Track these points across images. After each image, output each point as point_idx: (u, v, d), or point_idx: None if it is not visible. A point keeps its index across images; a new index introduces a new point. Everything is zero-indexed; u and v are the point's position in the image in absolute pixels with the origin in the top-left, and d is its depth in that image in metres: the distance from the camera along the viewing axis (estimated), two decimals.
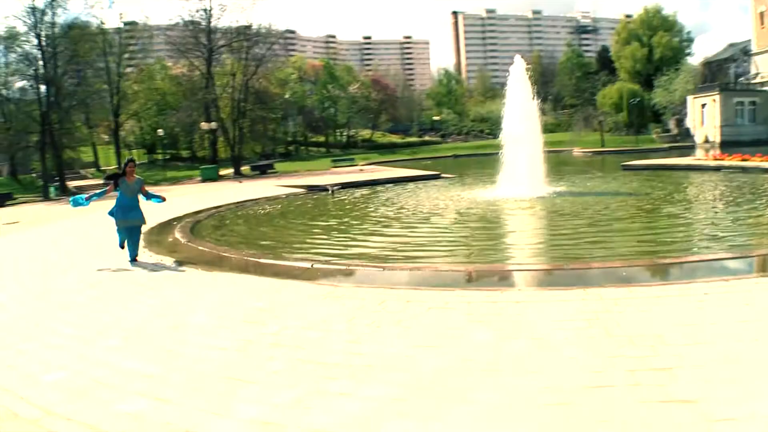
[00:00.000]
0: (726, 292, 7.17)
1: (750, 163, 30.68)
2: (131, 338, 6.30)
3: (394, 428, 4.06)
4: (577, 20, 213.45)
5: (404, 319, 6.58)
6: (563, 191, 22.11)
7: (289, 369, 5.15)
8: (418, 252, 12.27)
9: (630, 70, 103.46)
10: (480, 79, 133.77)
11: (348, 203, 22.95)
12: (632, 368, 4.89)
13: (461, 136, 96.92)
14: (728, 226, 14.14)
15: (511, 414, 4.21)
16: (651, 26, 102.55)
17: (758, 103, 79.59)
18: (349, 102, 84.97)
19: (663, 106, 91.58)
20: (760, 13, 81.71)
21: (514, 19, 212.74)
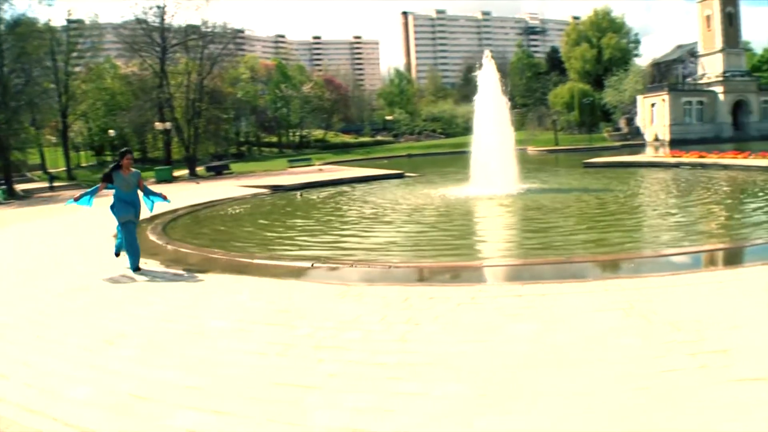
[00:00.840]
0: (737, 279, 7.43)
1: (708, 159, 31.58)
2: (148, 347, 5.86)
3: (487, 424, 3.91)
4: (526, 21, 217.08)
5: (439, 315, 6.43)
6: (536, 188, 22.38)
7: (345, 372, 4.90)
8: (411, 250, 12.08)
9: (580, 71, 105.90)
10: (431, 79, 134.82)
11: (321, 203, 22.69)
12: (691, 352, 4.98)
13: (413, 136, 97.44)
14: (714, 218, 14.41)
15: (598, 401, 4.14)
16: (600, 28, 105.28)
17: (705, 103, 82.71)
18: (302, 102, 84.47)
19: (613, 105, 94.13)
20: (707, 17, 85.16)
21: (463, 19, 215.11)
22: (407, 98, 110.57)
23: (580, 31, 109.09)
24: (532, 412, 4.05)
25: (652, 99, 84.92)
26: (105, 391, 4.74)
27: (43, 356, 5.76)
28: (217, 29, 45.80)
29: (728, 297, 6.63)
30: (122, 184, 10.01)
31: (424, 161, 55.82)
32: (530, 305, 6.69)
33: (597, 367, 4.77)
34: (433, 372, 4.83)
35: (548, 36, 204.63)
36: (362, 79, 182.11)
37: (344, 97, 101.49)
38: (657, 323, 5.82)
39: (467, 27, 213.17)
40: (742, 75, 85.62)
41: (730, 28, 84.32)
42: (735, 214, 14.99)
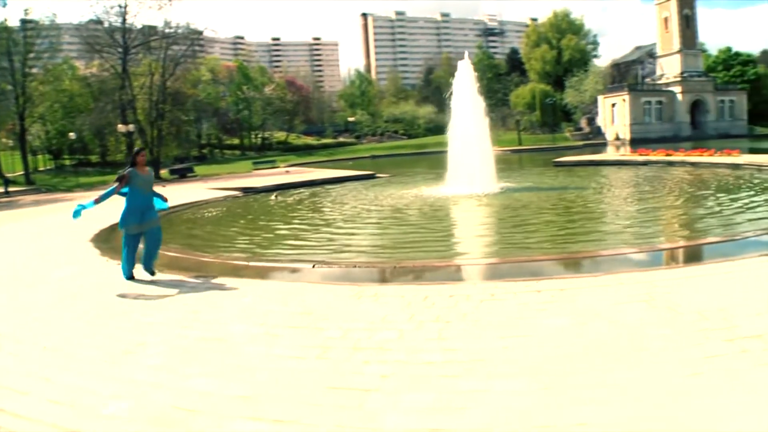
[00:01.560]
0: (742, 269, 7.71)
1: (675, 157, 32.30)
2: (172, 355, 5.57)
3: (567, 415, 3.92)
4: (485, 23, 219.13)
5: (466, 312, 6.40)
6: (515, 187, 22.58)
7: (397, 372, 4.80)
8: (408, 250, 12.00)
9: (540, 72, 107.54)
10: (391, 80, 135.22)
11: (298, 204, 22.41)
12: (728, 338, 5.16)
13: (376, 137, 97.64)
14: (703, 212, 14.79)
15: (660, 387, 4.24)
16: (559, 29, 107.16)
17: (664, 103, 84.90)
18: (264, 103, 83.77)
19: (574, 105, 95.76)
20: (664, 19, 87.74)
21: (423, 21, 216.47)
22: (368, 99, 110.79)
23: (539, 33, 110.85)
24: (605, 401, 4.08)
25: (612, 99, 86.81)
26: (144, 405, 4.48)
27: (60, 370, 5.40)
28: (180, 30, 45.04)
29: (740, 286, 6.90)
30: (142, 183, 9.06)
31: (389, 162, 55.84)
32: (552, 300, 6.75)
33: (644, 356, 4.87)
34: (486, 368, 4.79)
35: (507, 37, 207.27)
36: (322, 80, 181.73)
37: (306, 98, 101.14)
38: (684, 313, 5.97)
39: (426, 28, 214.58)
40: (699, 75, 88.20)
41: (687, 29, 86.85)
42: (720, 208, 15.25)
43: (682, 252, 9.75)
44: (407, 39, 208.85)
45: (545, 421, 3.86)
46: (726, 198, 17.03)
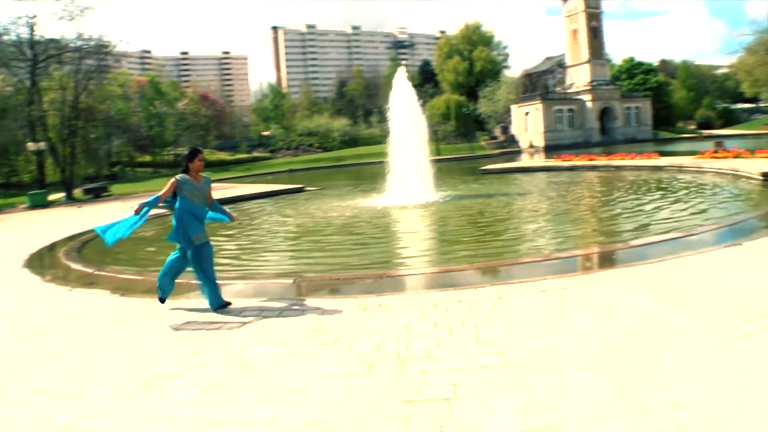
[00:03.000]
0: (719, 259, 8.37)
1: (599, 162, 33.56)
2: (200, 386, 5.14)
3: (653, 400, 4.05)
4: (395, 36, 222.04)
5: (488, 315, 6.47)
6: (455, 195, 22.85)
7: (464, 378, 4.75)
8: (377, 261, 11.87)
9: (453, 83, 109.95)
10: (304, 93, 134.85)
11: (237, 221, 21.71)
12: (747, 318, 5.63)
13: (291, 151, 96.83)
14: (646, 210, 15.95)
15: (721, 365, 4.57)
16: (471, 41, 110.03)
17: (575, 111, 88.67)
18: (177, 119, 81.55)
19: (488, 115, 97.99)
20: (573, 31, 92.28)
21: (333, 34, 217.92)
22: (282, 113, 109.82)
23: (452, 45, 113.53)
24: (679, 383, 4.31)
25: (526, 108, 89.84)
26: None
27: (74, 414, 4.80)
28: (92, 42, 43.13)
29: (726, 273, 7.51)
30: (194, 194, 7.72)
31: (308, 176, 55.37)
32: (563, 298, 6.96)
33: (685, 341, 5.18)
34: (549, 365, 4.88)
35: (416, 50, 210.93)
36: (231, 94, 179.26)
37: (220, 113, 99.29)
38: (692, 301, 6.37)
39: (337, 41, 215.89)
40: (607, 84, 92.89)
41: (594, 41, 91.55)
42: (670, 205, 16.07)
43: (657, 247, 10.22)
44: (318, 52, 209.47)
45: (640, 406, 4.00)
46: (672, 196, 18.32)
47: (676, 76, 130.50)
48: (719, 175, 22.71)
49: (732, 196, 17.91)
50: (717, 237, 10.58)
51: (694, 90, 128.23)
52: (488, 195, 23.10)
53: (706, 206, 15.64)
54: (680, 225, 12.92)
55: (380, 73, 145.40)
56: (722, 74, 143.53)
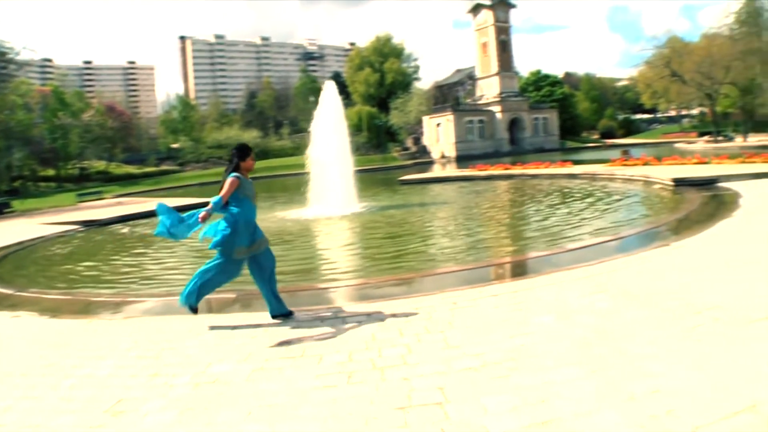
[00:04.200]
0: (651, 260, 9.03)
1: (515, 171, 34.54)
2: (179, 406, 4.94)
3: (637, 387, 4.32)
4: (305, 47, 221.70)
5: (450, 321, 6.63)
6: (380, 205, 23.04)
7: (449, 382, 4.85)
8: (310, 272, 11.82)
9: (364, 94, 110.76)
10: (213, 104, 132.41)
11: (144, 236, 20.73)
12: (696, 311, 6.13)
13: (200, 164, 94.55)
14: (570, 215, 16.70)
15: (688, 354, 4.96)
16: (382, 53, 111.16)
17: (485, 121, 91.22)
18: (82, 131, 78.43)
19: (399, 126, 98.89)
20: (483, 44, 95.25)
21: (242, 45, 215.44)
22: (191, 125, 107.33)
23: (363, 57, 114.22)
24: (655, 373, 4.62)
25: (437, 119, 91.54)
26: None
27: None
28: None
29: (663, 271, 8.12)
30: (252, 194, 7.27)
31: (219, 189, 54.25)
32: (518, 301, 7.24)
33: (647, 334, 5.57)
34: (528, 364, 5.07)
35: (326, 61, 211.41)
36: (138, 105, 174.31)
37: (127, 125, 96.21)
38: (641, 298, 6.83)
39: (246, 52, 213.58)
40: (516, 95, 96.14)
41: (504, 54, 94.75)
42: (594, 210, 16.81)
43: (592, 250, 10.71)
44: (227, 63, 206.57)
45: (626, 396, 4.27)
46: (594, 202, 19.29)
47: (579, 88, 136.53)
48: (632, 181, 23.91)
49: (649, 201, 19.10)
50: (645, 239, 11.33)
51: (596, 101, 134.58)
52: (413, 205, 23.40)
53: (627, 211, 16.61)
54: (608, 229, 13.60)
55: (290, 84, 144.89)
56: (622, 86, 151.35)
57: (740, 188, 17.26)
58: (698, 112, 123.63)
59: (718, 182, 19.61)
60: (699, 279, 7.50)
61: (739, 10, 69.12)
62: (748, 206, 13.95)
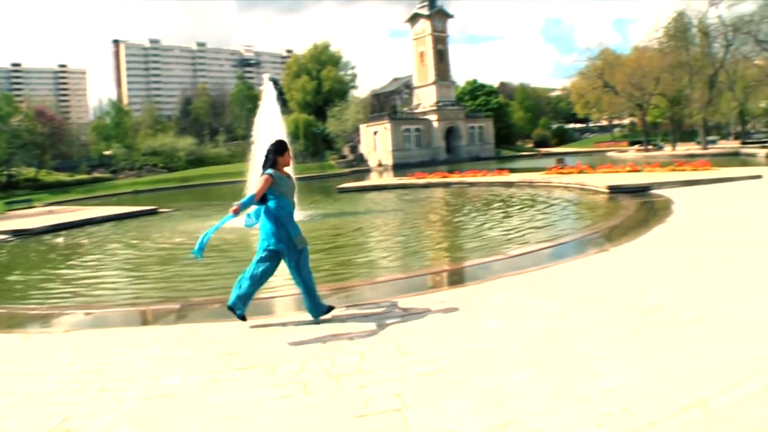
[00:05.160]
0: (592, 264, 9.39)
1: (453, 179, 34.88)
2: (128, 423, 4.73)
3: (588, 386, 4.44)
4: (241, 54, 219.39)
5: (402, 328, 6.65)
6: (322, 213, 22.94)
7: (406, 388, 4.88)
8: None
9: (301, 102, 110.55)
10: (147, 110, 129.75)
11: (97, 245, 20.33)
12: (640, 312, 6.24)
13: (134, 171, 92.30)
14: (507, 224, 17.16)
15: (637, 352, 5.04)
16: (319, 61, 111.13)
17: (422, 130, 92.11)
18: (11, 136, 75.51)
19: (336, 134, 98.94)
20: (421, 53, 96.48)
21: (178, 50, 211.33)
22: (124, 132, 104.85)
23: (300, 64, 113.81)
24: (606, 372, 4.79)
25: (374, 127, 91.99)
26: None
27: None
28: None
29: (604, 276, 8.41)
30: (290, 191, 7.11)
31: (156, 197, 52.87)
32: (467, 306, 7.32)
33: (596, 335, 5.78)
34: (483, 368, 5.15)
35: (263, 68, 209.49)
36: (69, 110, 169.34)
37: (57, 131, 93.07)
38: (587, 301, 7.07)
39: (182, 57, 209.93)
40: (452, 104, 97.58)
41: (441, 63, 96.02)
42: (533, 217, 17.31)
43: (535, 255, 11.06)
44: (162, 68, 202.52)
45: (580, 395, 4.40)
46: (532, 209, 19.89)
47: (514, 98, 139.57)
48: (568, 189, 24.56)
49: (587, 208, 19.76)
50: (585, 245, 11.78)
51: (531, 111, 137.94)
52: (353, 213, 23.43)
53: (566, 218, 17.03)
54: (549, 235, 13.92)
55: (226, 91, 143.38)
56: (556, 96, 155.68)
57: (672, 195, 17.96)
58: (629, 121, 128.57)
59: (651, 189, 20.34)
60: (639, 282, 7.82)
61: (668, 24, 72.11)
62: (680, 212, 14.55)
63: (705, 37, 69.07)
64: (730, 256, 9.05)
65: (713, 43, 68.96)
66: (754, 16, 60.63)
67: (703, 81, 67.93)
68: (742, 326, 5.68)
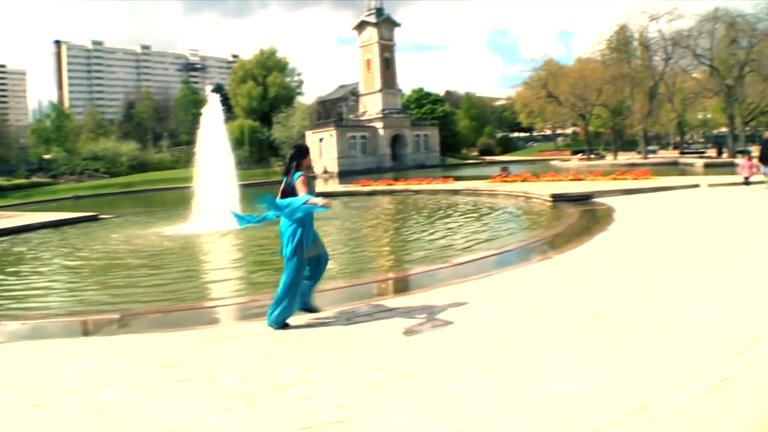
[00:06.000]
0: (535, 272, 9.59)
1: (398, 186, 35.05)
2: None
3: (533, 394, 4.45)
4: (186, 58, 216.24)
5: (347, 337, 6.58)
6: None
7: (350, 400, 4.84)
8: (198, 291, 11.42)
9: (246, 108, 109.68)
10: (89, 114, 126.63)
11: (32, 253, 19.60)
12: (584, 319, 6.34)
13: (74, 176, 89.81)
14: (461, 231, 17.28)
15: (583, 360, 5.11)
16: (266, 66, 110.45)
17: (368, 137, 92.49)
18: None
19: (282, 141, 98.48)
20: (367, 61, 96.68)
21: (122, 52, 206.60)
22: (65, 135, 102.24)
23: (246, 69, 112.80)
24: (552, 380, 4.82)
25: (320, 134, 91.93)
26: None
27: None
28: None
29: (548, 283, 8.57)
30: (314, 193, 7.11)
31: (97, 203, 51.55)
32: (412, 314, 7.30)
33: (541, 343, 5.82)
34: (429, 377, 5.11)
35: (209, 73, 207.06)
36: (6, 112, 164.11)
37: None
38: (532, 309, 7.15)
39: (126, 60, 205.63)
40: (398, 112, 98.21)
41: (387, 71, 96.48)
42: (478, 225, 17.41)
43: (480, 263, 11.16)
44: (105, 71, 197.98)
45: (527, 403, 4.40)
46: (477, 217, 20.10)
47: (460, 107, 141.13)
48: (512, 197, 24.84)
49: (530, 216, 20.08)
50: (529, 252, 11.98)
51: (476, 119, 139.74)
52: None
53: (510, 225, 17.29)
54: (492, 243, 14.04)
55: (171, 95, 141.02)
56: (501, 105, 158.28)
57: (613, 203, 18.38)
58: (572, 131, 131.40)
59: (593, 198, 20.79)
60: (583, 290, 7.96)
61: (610, 37, 74.14)
62: (622, 220, 14.90)
63: (646, 50, 71.26)
64: (669, 264, 9.29)
65: (653, 56, 71.23)
66: (693, 31, 62.84)
67: (644, 92, 70.05)
68: (680, 333, 5.81)
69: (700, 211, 16.10)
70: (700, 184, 23.61)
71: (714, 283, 7.87)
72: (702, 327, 5.94)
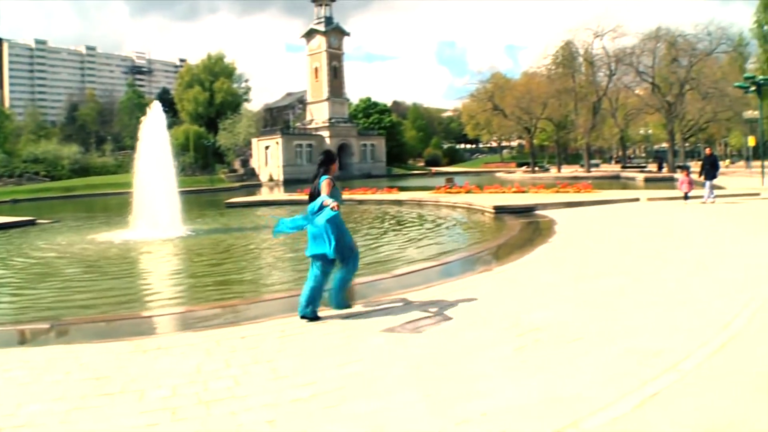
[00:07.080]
0: (476, 284, 9.64)
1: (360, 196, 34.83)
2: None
3: (463, 410, 4.40)
4: (133, 60, 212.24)
5: (280, 349, 6.45)
6: (205, 229, 22.38)
7: (280, 415, 4.70)
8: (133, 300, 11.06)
9: (192, 113, 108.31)
10: (30, 115, 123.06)
11: None
12: (520, 332, 6.41)
13: (13, 179, 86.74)
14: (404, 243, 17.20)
15: (515, 373, 5.10)
16: (213, 72, 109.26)
17: (314, 146, 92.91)
18: None
19: (227, 147, 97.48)
20: (315, 69, 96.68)
21: (66, 53, 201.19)
22: (4, 136, 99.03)
23: (193, 74, 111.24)
24: (486, 394, 4.80)
25: (266, 142, 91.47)
26: None
27: None
28: None
29: (488, 295, 8.59)
30: (341, 198, 7.62)
31: (36, 207, 49.99)
32: (348, 327, 7.20)
33: (477, 356, 5.80)
34: (360, 391, 5.04)
35: (155, 77, 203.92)
36: None
37: None
38: (471, 320, 7.15)
39: (70, 61, 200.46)
40: (345, 121, 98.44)
41: (335, 80, 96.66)
42: (420, 236, 17.63)
43: (419, 274, 11.18)
44: (48, 71, 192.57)
45: (458, 418, 4.36)
46: (419, 228, 20.08)
47: (407, 117, 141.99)
48: (456, 208, 25.06)
49: (472, 228, 20.24)
50: (470, 264, 12.03)
51: (423, 130, 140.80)
52: (238, 228, 22.88)
53: (451, 237, 17.39)
54: (434, 254, 14.08)
55: (116, 98, 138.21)
56: (448, 117, 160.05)
57: (555, 216, 18.70)
58: (517, 143, 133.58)
59: (535, 210, 21.12)
60: (523, 301, 8.02)
61: (556, 53, 75.81)
62: (563, 233, 15.16)
63: (590, 66, 73.21)
64: (609, 275, 9.53)
65: (598, 72, 73.27)
66: (635, 48, 64.83)
67: (588, 107, 71.82)
68: (617, 345, 5.89)
69: (637, 224, 16.49)
70: (640, 197, 24.22)
71: (653, 294, 8.05)
72: (639, 339, 6.04)
